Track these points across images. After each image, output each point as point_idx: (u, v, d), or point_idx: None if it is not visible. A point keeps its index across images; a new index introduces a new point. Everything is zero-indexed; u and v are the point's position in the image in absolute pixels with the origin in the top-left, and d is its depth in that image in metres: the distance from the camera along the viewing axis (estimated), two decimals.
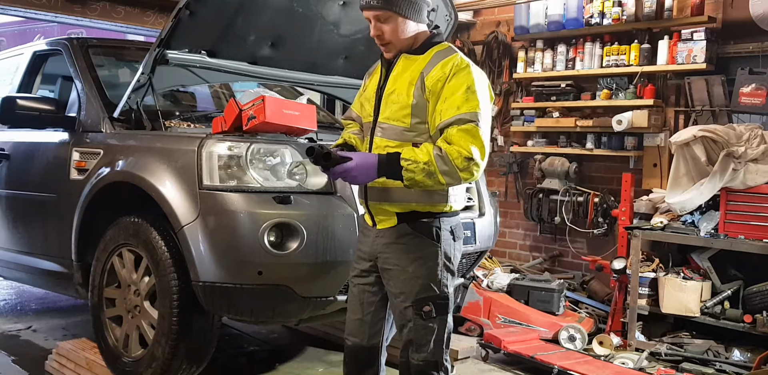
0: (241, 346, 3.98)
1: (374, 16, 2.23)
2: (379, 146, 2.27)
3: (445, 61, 2.20)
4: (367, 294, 2.40)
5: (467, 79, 2.16)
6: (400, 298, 2.28)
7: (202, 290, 2.74)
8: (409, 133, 2.23)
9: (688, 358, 3.86)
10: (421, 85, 2.20)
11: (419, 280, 2.25)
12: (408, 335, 2.29)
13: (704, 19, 4.56)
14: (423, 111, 2.21)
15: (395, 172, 2.14)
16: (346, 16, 3.50)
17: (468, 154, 2.10)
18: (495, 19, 5.83)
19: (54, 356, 3.43)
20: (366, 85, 2.44)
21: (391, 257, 2.29)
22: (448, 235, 2.29)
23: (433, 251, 2.26)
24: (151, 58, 3.16)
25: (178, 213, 2.75)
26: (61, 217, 3.38)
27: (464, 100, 2.13)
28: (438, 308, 2.26)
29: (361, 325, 2.41)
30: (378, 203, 2.29)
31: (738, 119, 4.49)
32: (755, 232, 3.82)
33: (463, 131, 2.12)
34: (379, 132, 2.29)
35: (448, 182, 2.14)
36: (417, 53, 2.28)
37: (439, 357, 2.30)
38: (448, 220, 2.30)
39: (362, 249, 2.41)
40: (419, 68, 2.23)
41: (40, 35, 12.79)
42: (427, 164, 2.10)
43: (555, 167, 5.19)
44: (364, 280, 2.40)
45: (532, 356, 3.69)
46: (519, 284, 4.59)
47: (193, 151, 2.81)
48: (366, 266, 2.38)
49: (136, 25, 5.73)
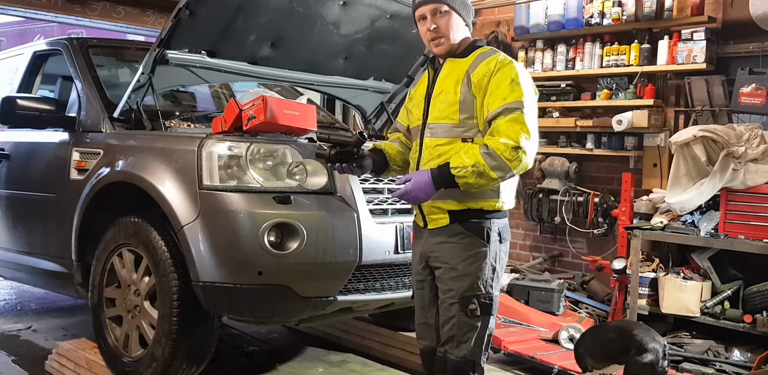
0: (241, 346, 3.98)
1: (431, 11, 2.34)
2: (429, 146, 2.35)
3: (489, 59, 2.30)
4: (427, 297, 2.46)
5: (511, 73, 2.25)
6: (448, 294, 2.34)
7: (202, 290, 2.74)
8: (458, 129, 2.31)
9: (688, 358, 3.86)
10: (468, 81, 2.30)
11: (467, 278, 2.31)
12: (450, 331, 2.34)
13: (704, 19, 4.57)
14: (470, 106, 2.29)
15: (450, 182, 2.22)
16: (346, 16, 3.50)
17: (515, 143, 2.16)
18: (495, 19, 5.83)
19: (54, 356, 3.43)
20: (412, 94, 2.56)
21: (441, 255, 2.35)
22: (497, 236, 2.34)
23: (482, 251, 2.31)
24: (151, 58, 3.16)
25: (178, 213, 2.75)
26: (61, 217, 3.38)
27: (510, 91, 2.22)
28: (483, 307, 2.32)
29: (428, 328, 2.48)
30: (432, 202, 2.34)
31: (738, 119, 4.49)
32: (755, 232, 3.82)
33: (510, 121, 2.19)
34: (429, 133, 2.37)
35: (500, 176, 2.19)
36: (461, 56, 2.38)
37: (477, 357, 2.35)
38: (497, 221, 2.36)
39: (415, 251, 2.48)
40: (465, 68, 2.33)
41: (40, 35, 12.78)
42: (475, 166, 2.17)
43: (555, 167, 5.19)
44: (422, 284, 2.47)
45: (532, 356, 3.69)
46: (519, 284, 4.59)
47: (193, 151, 2.81)
48: (419, 268, 2.45)
49: (136, 25, 5.73)
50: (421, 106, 2.44)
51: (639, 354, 2.89)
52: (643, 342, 2.93)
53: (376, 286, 3.00)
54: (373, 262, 2.89)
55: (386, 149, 2.55)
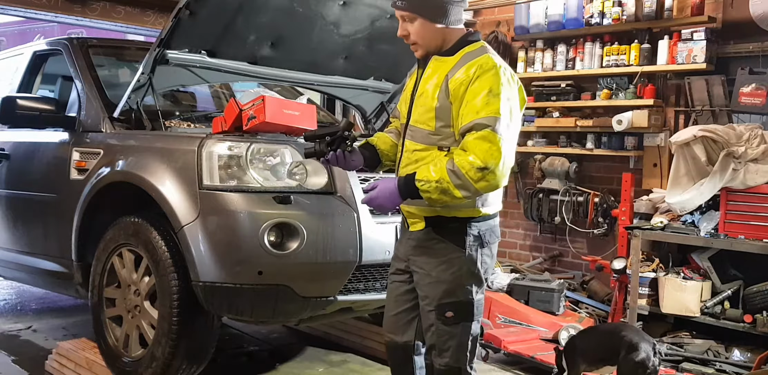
0: (241, 346, 3.98)
1: (400, 16, 2.24)
2: (408, 149, 2.28)
3: (471, 64, 2.14)
4: (401, 291, 2.40)
5: (490, 82, 2.09)
6: (425, 301, 2.27)
7: (202, 290, 2.74)
8: (434, 137, 2.21)
9: (688, 358, 3.86)
10: (446, 88, 2.16)
11: (442, 285, 2.23)
12: (431, 339, 2.29)
13: (704, 19, 4.57)
14: (447, 114, 2.17)
15: (415, 194, 2.13)
16: (346, 16, 3.50)
17: (481, 163, 2.04)
18: (495, 19, 5.83)
19: (54, 356, 3.43)
20: (406, 86, 2.43)
21: (417, 260, 2.29)
22: (476, 241, 2.24)
23: (457, 257, 2.22)
24: (151, 58, 3.16)
25: (178, 213, 2.75)
26: (61, 217, 3.38)
27: (484, 104, 2.07)
28: (460, 314, 2.24)
29: (396, 321, 2.41)
30: (407, 206, 2.29)
31: (738, 119, 4.49)
32: (755, 232, 3.82)
33: (479, 138, 2.06)
34: (409, 135, 2.28)
35: (465, 196, 2.09)
36: (447, 54, 2.23)
37: (462, 364, 2.28)
38: (477, 225, 2.24)
39: (399, 248, 2.42)
40: (446, 70, 2.19)
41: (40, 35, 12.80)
42: (439, 182, 2.07)
43: (555, 167, 5.19)
44: (399, 278, 2.40)
45: (532, 356, 3.69)
46: (519, 284, 4.59)
47: (193, 151, 2.81)
48: (402, 265, 2.38)
49: (136, 25, 5.73)
50: (406, 103, 2.34)
51: (630, 353, 2.93)
52: (633, 341, 2.97)
53: (376, 286, 3.00)
54: (373, 262, 2.89)
55: (378, 144, 2.45)
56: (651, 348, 2.97)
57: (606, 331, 3.32)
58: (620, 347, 2.99)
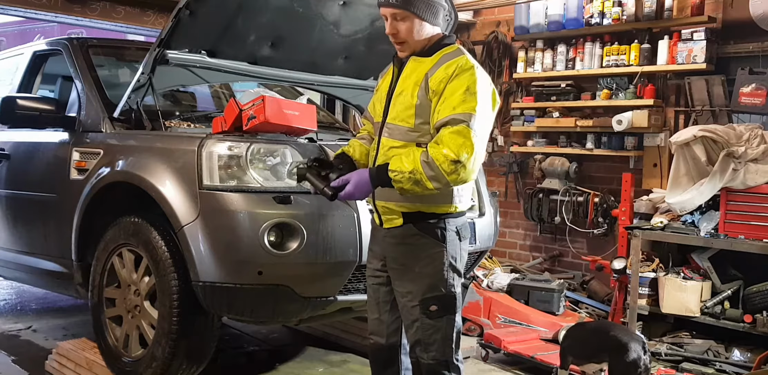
0: (241, 346, 3.98)
1: (391, 15, 2.26)
2: (385, 146, 2.30)
3: (450, 63, 2.21)
4: (382, 293, 2.43)
5: (468, 80, 2.17)
6: (407, 297, 2.30)
7: (202, 290, 2.74)
8: (413, 134, 2.25)
9: (688, 358, 3.86)
10: (425, 85, 2.22)
11: (425, 279, 2.27)
12: (416, 335, 2.31)
13: (704, 19, 4.57)
14: (426, 111, 2.22)
15: (386, 183, 2.18)
16: (346, 16, 3.50)
17: (455, 156, 2.10)
18: (495, 19, 5.83)
19: (54, 356, 3.43)
20: (379, 86, 2.47)
21: (398, 257, 2.32)
22: (454, 235, 2.31)
23: (439, 251, 2.28)
24: (151, 58, 3.16)
25: (178, 213, 2.75)
26: (61, 217, 3.38)
27: (461, 101, 2.14)
28: (444, 307, 2.29)
29: (380, 324, 2.45)
30: (384, 202, 2.31)
31: (738, 119, 4.49)
32: (755, 232, 3.82)
33: (454, 132, 2.12)
34: (386, 132, 2.31)
35: (436, 187, 2.15)
36: (425, 55, 2.29)
37: (449, 356, 2.32)
38: (453, 220, 2.31)
39: (373, 248, 2.45)
40: (425, 70, 2.25)
41: (40, 35, 12.79)
42: (413, 173, 2.13)
43: (555, 167, 5.19)
44: (378, 280, 2.43)
45: (532, 356, 3.69)
46: (519, 284, 4.59)
47: (193, 151, 2.81)
48: (378, 265, 2.41)
49: (136, 25, 5.72)
50: (383, 102, 2.37)
51: (621, 353, 2.94)
52: (622, 341, 2.97)
53: None
54: None
55: (352, 154, 2.47)
56: (641, 347, 2.97)
57: (593, 329, 3.31)
58: (608, 347, 2.99)
